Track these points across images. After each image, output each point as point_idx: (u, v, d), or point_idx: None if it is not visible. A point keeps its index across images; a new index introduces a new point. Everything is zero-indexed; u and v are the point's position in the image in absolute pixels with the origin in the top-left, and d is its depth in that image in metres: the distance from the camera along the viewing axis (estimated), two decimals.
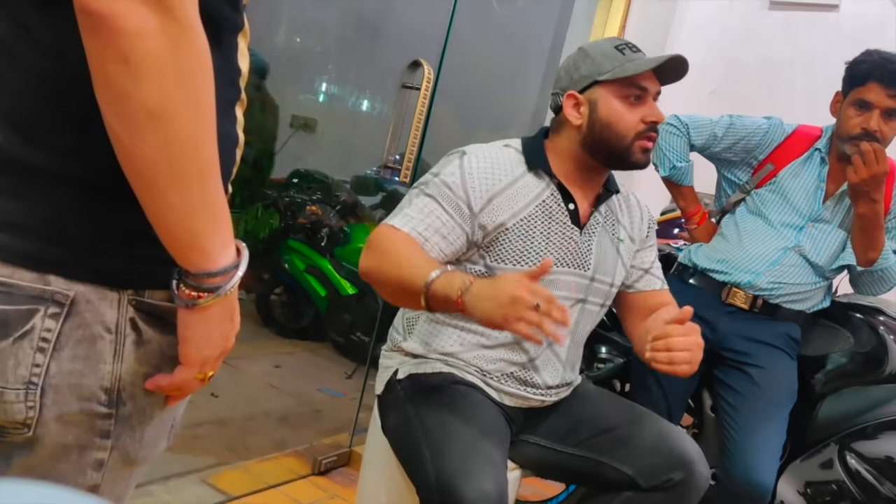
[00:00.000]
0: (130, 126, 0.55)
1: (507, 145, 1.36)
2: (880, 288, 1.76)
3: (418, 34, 3.36)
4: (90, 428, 0.64)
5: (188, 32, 0.55)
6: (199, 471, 1.94)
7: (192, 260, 0.61)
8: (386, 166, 2.26)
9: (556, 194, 1.33)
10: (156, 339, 0.65)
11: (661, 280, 1.48)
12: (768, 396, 1.69)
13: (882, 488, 1.63)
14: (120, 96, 0.54)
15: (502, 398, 1.36)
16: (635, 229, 1.46)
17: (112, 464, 0.66)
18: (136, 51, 0.52)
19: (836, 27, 2.47)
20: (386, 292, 1.24)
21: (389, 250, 1.20)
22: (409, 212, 1.25)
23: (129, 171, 0.57)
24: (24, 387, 0.60)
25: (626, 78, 1.27)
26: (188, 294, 0.62)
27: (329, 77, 4.34)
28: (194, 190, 0.58)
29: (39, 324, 0.60)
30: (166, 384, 0.66)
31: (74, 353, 0.61)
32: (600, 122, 1.29)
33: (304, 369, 3.16)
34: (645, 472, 1.30)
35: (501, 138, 1.42)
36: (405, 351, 1.38)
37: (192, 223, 0.59)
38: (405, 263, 1.16)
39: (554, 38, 3.00)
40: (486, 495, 1.09)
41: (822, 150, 1.76)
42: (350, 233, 3.36)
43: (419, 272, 1.12)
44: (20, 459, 0.63)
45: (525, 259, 1.29)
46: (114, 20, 0.52)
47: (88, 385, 0.62)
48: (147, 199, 0.58)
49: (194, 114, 0.56)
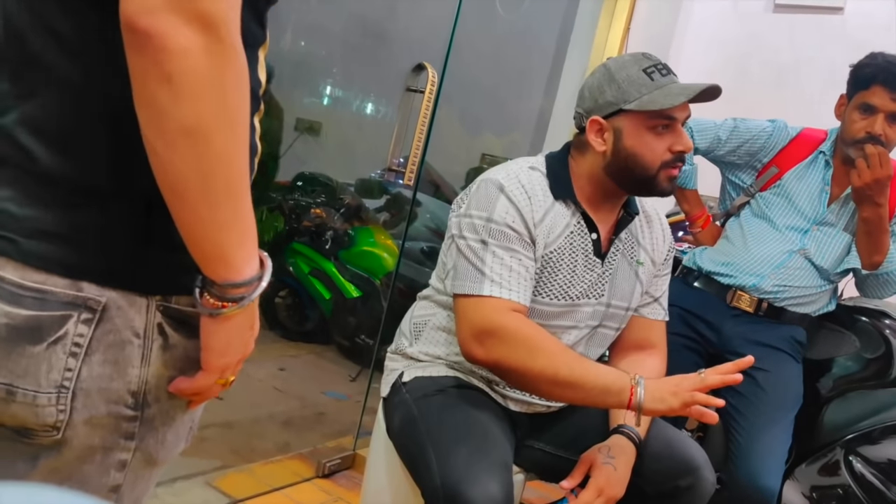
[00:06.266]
0: (167, 141, 0.56)
1: (534, 168, 1.30)
2: (886, 291, 1.75)
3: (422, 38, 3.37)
4: (116, 430, 0.65)
5: (230, 52, 0.56)
6: (203, 473, 1.95)
7: (217, 271, 0.62)
8: (390, 169, 2.27)
9: (581, 224, 1.30)
10: (181, 343, 0.67)
11: (665, 311, 1.46)
12: (774, 400, 1.68)
13: (888, 493, 1.63)
14: (160, 113, 0.55)
15: (507, 403, 1.35)
16: (657, 251, 1.42)
17: (135, 464, 0.68)
18: (180, 70, 0.53)
19: (841, 30, 2.47)
20: (523, 381, 1.22)
21: (531, 345, 1.16)
22: (491, 273, 1.19)
23: (163, 183, 0.59)
24: (56, 391, 0.62)
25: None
26: (212, 303, 0.63)
27: (333, 80, 4.35)
28: (225, 205, 0.59)
29: (72, 329, 0.61)
30: (187, 388, 0.67)
31: (105, 357, 0.63)
32: (625, 151, 1.24)
33: (308, 372, 3.16)
34: (651, 478, 1.30)
35: (505, 142, 1.41)
36: (410, 356, 1.38)
37: (220, 236, 0.60)
38: (563, 361, 1.16)
39: (558, 41, 3.00)
40: (491, 499, 1.09)
41: (826, 153, 1.76)
42: (354, 236, 3.36)
43: (607, 378, 1.17)
44: (46, 461, 0.64)
45: (548, 291, 1.27)
46: (160, 39, 0.53)
47: (116, 388, 0.64)
48: (178, 211, 0.59)
49: (230, 132, 0.57)
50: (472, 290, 1.20)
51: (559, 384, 1.16)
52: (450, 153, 3.70)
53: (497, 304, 1.18)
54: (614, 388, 1.15)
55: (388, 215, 3.67)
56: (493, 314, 1.18)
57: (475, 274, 1.20)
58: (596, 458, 1.25)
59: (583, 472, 1.24)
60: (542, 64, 3.14)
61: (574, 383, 1.16)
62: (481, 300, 1.19)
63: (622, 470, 1.23)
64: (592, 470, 1.23)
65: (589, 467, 1.24)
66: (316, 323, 3.40)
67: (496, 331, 1.18)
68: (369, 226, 3.45)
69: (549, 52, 3.06)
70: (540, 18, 3.34)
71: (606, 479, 1.21)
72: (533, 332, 1.19)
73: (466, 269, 1.21)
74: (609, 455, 1.25)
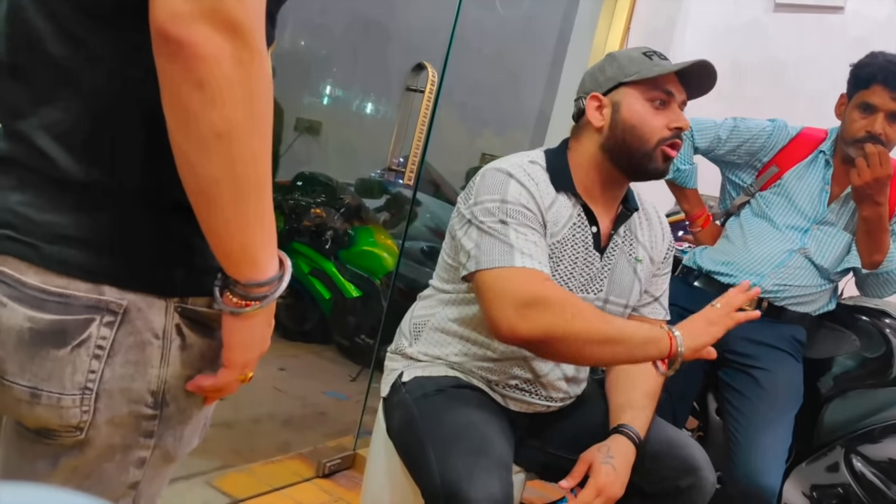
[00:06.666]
0: (198, 145, 0.58)
1: (533, 161, 1.30)
2: (886, 290, 1.75)
3: (422, 37, 3.37)
4: (136, 428, 0.67)
5: (257, 58, 0.57)
6: (204, 473, 1.95)
7: (243, 271, 0.64)
8: (390, 169, 2.27)
9: (582, 216, 1.30)
10: (197, 343, 0.69)
11: (666, 311, 1.46)
12: (774, 399, 1.68)
13: (889, 492, 1.63)
14: (191, 117, 0.57)
15: (507, 403, 1.35)
16: (656, 249, 1.42)
17: (153, 461, 0.70)
18: (212, 77, 0.55)
19: (842, 29, 2.47)
20: (572, 349, 1.15)
21: (575, 310, 1.13)
22: (519, 246, 1.17)
23: (192, 185, 0.60)
24: (80, 392, 0.63)
25: (653, 81, 1.24)
26: (235, 302, 0.65)
27: (333, 80, 4.34)
28: (251, 205, 0.61)
29: (95, 332, 0.63)
30: (209, 385, 0.69)
31: (126, 358, 0.65)
32: (623, 123, 1.25)
33: (308, 372, 3.16)
34: (651, 478, 1.30)
35: (505, 141, 1.41)
36: (410, 356, 1.38)
37: (246, 237, 0.62)
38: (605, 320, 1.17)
39: (558, 40, 3.00)
40: (491, 498, 1.09)
41: (826, 152, 1.76)
42: (354, 235, 3.36)
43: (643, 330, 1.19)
44: (68, 460, 0.66)
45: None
46: (193, 47, 0.54)
47: (137, 388, 0.66)
48: (205, 213, 0.61)
49: (258, 135, 0.59)
50: (504, 262, 1.15)
51: (606, 342, 1.14)
52: (450, 152, 3.70)
53: (532, 274, 1.15)
54: (654, 337, 1.16)
55: (388, 215, 3.67)
56: (532, 284, 1.14)
57: (503, 248, 1.17)
58: (595, 457, 1.25)
59: (582, 472, 1.24)
60: (542, 63, 3.14)
61: (619, 339, 1.15)
62: (515, 272, 1.15)
63: (622, 470, 1.23)
64: (592, 469, 1.23)
65: (588, 467, 1.24)
66: (316, 323, 3.40)
67: (539, 300, 1.12)
68: (369, 225, 3.45)
69: (549, 51, 3.06)
70: (540, 18, 3.34)
71: (606, 479, 1.21)
72: (568, 295, 1.19)
73: (492, 244, 1.18)
74: (609, 454, 1.25)
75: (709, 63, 1.25)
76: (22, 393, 0.63)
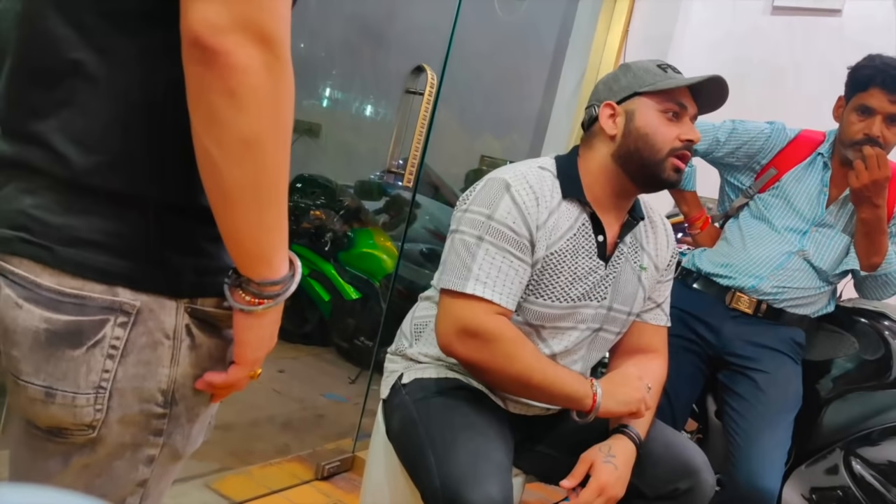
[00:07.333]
0: (226, 151, 0.59)
1: (543, 168, 1.30)
2: (885, 292, 1.76)
3: (421, 39, 3.37)
4: (146, 427, 0.69)
5: (285, 67, 0.59)
6: (202, 476, 1.95)
7: (259, 270, 0.65)
8: (389, 171, 2.26)
9: (588, 224, 1.30)
10: (206, 342, 0.70)
11: (667, 316, 1.46)
12: (773, 401, 1.68)
13: (888, 494, 1.63)
14: (220, 124, 0.58)
15: (507, 405, 1.35)
16: (660, 256, 1.42)
17: (161, 459, 0.71)
18: (243, 86, 0.57)
19: (839, 32, 2.47)
20: (496, 381, 1.28)
21: (510, 351, 1.20)
22: (478, 271, 1.19)
23: (216, 189, 0.62)
24: (94, 391, 0.65)
25: (667, 92, 1.26)
26: (249, 300, 0.67)
27: (333, 82, 4.35)
28: (272, 209, 0.63)
29: (109, 332, 0.64)
30: (220, 382, 0.71)
31: (138, 358, 0.66)
32: (636, 132, 1.26)
33: (307, 374, 3.16)
34: (650, 481, 1.30)
35: (504, 144, 1.42)
36: (410, 357, 1.38)
37: (265, 238, 0.64)
38: (537, 368, 1.22)
39: (557, 42, 3.01)
40: (491, 500, 1.09)
41: (824, 154, 1.76)
42: (354, 237, 3.36)
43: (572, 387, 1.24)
44: (79, 458, 0.68)
45: (549, 293, 1.27)
46: (227, 56, 0.56)
47: (149, 387, 0.67)
48: (227, 215, 0.63)
49: (282, 142, 0.61)
50: (456, 286, 1.20)
51: (530, 387, 1.23)
52: (449, 155, 3.70)
53: (482, 305, 1.20)
54: (578, 396, 1.24)
55: (387, 217, 3.67)
56: (477, 315, 1.20)
57: (462, 270, 1.21)
58: (596, 457, 1.25)
59: (583, 472, 1.25)
60: (542, 65, 3.14)
61: (543, 388, 1.23)
62: (467, 299, 1.20)
63: (623, 469, 1.24)
64: (593, 469, 1.24)
65: (589, 466, 1.24)
66: (315, 325, 3.40)
67: (480, 333, 1.19)
68: (369, 227, 3.45)
69: (548, 53, 3.07)
70: (539, 20, 3.34)
71: (607, 478, 1.22)
72: (514, 336, 1.21)
73: (454, 264, 1.22)
74: (609, 454, 1.25)
75: (722, 79, 1.26)
76: (37, 392, 0.64)
